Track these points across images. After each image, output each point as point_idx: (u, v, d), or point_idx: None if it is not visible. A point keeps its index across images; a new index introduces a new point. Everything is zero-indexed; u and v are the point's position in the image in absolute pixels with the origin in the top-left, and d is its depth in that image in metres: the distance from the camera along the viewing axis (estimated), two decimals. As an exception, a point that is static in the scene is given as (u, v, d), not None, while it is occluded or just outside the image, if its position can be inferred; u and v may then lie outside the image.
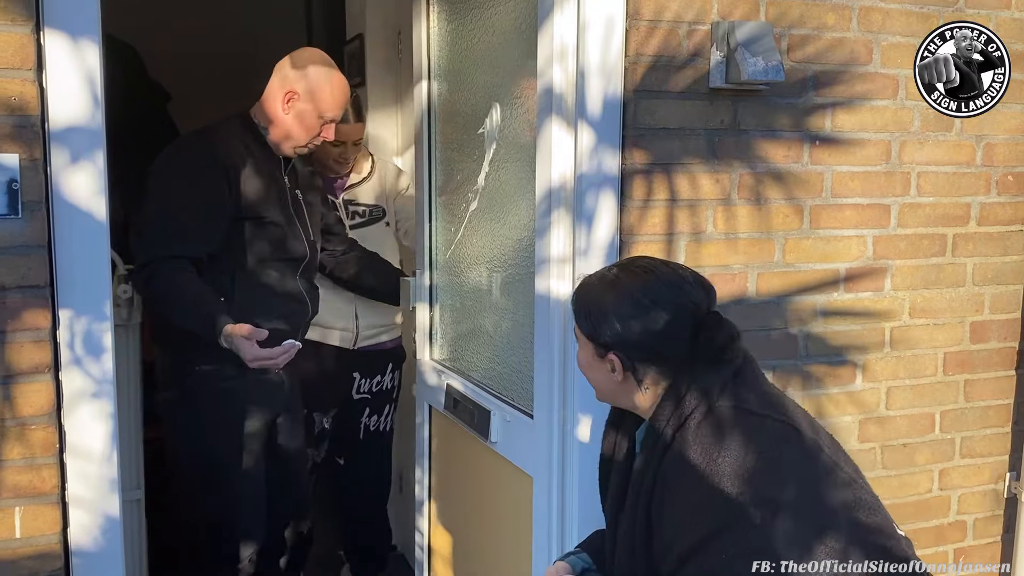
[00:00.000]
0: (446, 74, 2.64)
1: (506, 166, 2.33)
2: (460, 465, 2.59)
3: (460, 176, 2.58)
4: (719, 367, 1.52)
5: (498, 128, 2.33)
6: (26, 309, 1.72)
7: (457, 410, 2.50)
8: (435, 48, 2.65)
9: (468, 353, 2.59)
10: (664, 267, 1.59)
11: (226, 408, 2.54)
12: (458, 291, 2.65)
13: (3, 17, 1.66)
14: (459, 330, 2.66)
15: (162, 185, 2.45)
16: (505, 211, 2.34)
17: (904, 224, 2.28)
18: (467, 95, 2.53)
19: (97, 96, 1.75)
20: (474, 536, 2.53)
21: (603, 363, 1.57)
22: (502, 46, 2.32)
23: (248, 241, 2.50)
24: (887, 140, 2.23)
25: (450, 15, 2.58)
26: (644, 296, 1.53)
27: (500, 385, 2.38)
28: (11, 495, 1.74)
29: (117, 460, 1.84)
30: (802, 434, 1.48)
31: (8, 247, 1.70)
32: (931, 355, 2.36)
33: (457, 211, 2.59)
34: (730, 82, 2.01)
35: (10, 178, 1.68)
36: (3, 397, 1.72)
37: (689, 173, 2.05)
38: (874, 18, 2.17)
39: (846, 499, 1.45)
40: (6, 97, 1.67)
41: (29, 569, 1.76)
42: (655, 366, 1.54)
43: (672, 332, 1.52)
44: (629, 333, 1.52)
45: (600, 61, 1.97)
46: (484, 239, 2.45)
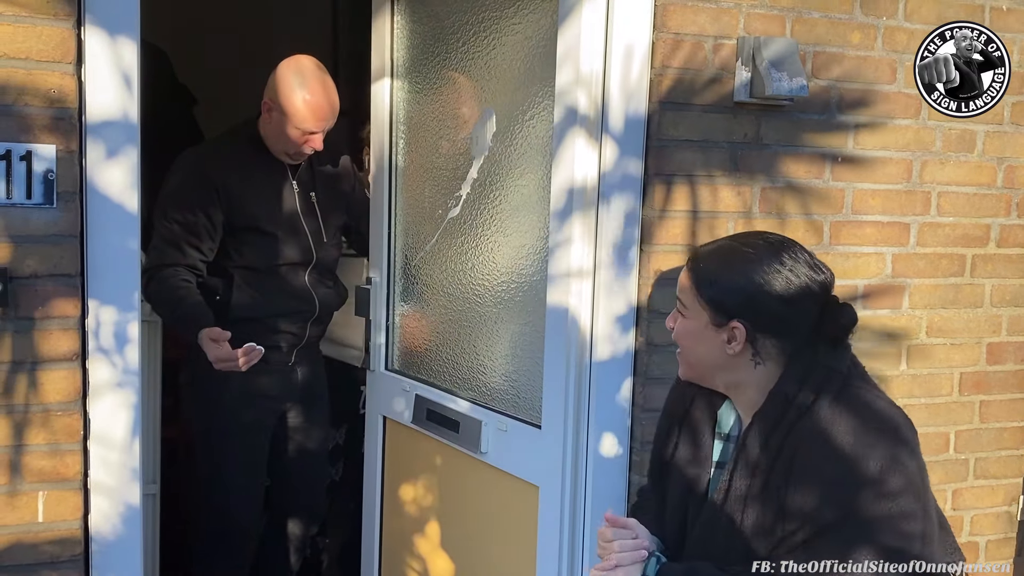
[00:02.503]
0: (415, 75, 2.59)
1: (504, 175, 2.30)
2: (433, 478, 2.53)
3: (435, 180, 2.53)
4: (839, 350, 1.53)
5: (492, 136, 2.30)
6: (56, 297, 1.75)
7: (431, 421, 2.45)
8: (401, 47, 2.61)
9: (443, 363, 2.52)
10: (794, 242, 1.58)
11: (223, 392, 2.62)
12: (431, 299, 2.58)
13: (46, 11, 1.70)
14: (433, 339, 2.58)
15: (161, 201, 2.62)
16: (502, 220, 2.31)
17: (923, 243, 2.29)
18: (447, 99, 2.48)
19: (133, 92, 1.79)
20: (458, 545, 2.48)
21: (719, 333, 1.52)
22: (505, 53, 2.29)
23: (245, 248, 2.64)
24: (908, 159, 2.25)
25: (421, 14, 2.54)
26: (781, 266, 1.50)
27: (490, 396, 2.34)
28: (35, 479, 1.77)
29: (139, 449, 1.87)
30: None
31: (42, 236, 1.73)
32: (947, 374, 2.36)
33: (431, 216, 2.53)
34: (755, 97, 2.04)
35: (47, 168, 1.72)
36: (31, 383, 1.75)
37: (711, 185, 2.07)
38: (899, 38, 2.19)
39: None
40: (46, 89, 1.71)
41: (50, 554, 1.79)
42: (777, 339, 1.51)
43: (804, 306, 1.51)
44: (761, 301, 1.50)
45: (624, 72, 2.00)
46: (470, 247, 2.40)
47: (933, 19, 2.21)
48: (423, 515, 2.57)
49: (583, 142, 2.00)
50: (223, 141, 2.78)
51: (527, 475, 2.19)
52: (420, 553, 2.57)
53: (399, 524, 2.67)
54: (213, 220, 2.58)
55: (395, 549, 2.69)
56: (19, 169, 1.70)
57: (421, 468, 2.57)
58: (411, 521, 2.61)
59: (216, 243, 2.62)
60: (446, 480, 2.49)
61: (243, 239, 2.64)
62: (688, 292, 1.56)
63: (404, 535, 2.64)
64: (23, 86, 1.70)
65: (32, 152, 1.71)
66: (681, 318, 1.59)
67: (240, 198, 2.61)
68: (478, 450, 2.29)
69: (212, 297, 2.60)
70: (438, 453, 2.48)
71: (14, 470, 1.76)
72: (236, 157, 2.65)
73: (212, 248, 2.61)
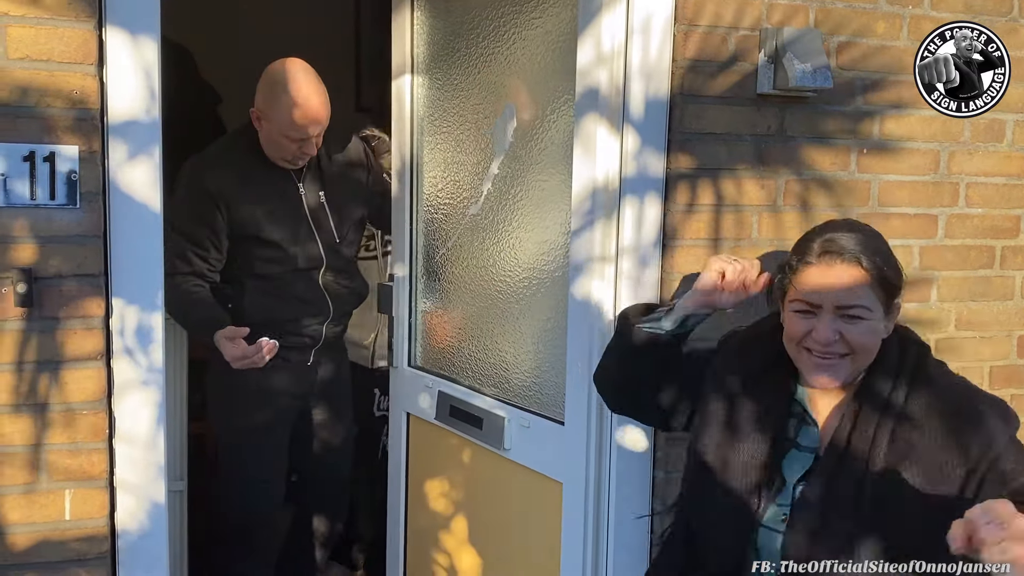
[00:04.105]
0: (436, 71, 2.57)
1: (524, 171, 2.29)
2: (457, 474, 2.53)
3: (457, 177, 2.53)
4: None
5: (512, 132, 2.30)
6: (81, 297, 1.77)
7: (455, 418, 2.46)
8: (421, 44, 2.60)
9: (466, 360, 2.53)
10: None
11: (242, 391, 2.63)
12: (454, 295, 2.58)
13: (67, 14, 1.71)
14: (456, 336, 2.59)
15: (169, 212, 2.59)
16: (523, 216, 2.31)
17: (952, 235, 2.26)
18: (467, 95, 2.47)
19: (154, 91, 1.80)
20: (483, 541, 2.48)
21: (888, 316, 1.57)
22: (526, 48, 2.29)
23: (252, 256, 2.62)
24: (936, 150, 2.21)
25: (441, 11, 2.53)
26: None
27: (513, 392, 2.35)
28: (62, 478, 1.79)
29: (164, 447, 1.88)
30: None
31: (66, 236, 1.75)
32: (977, 368, 2.32)
33: (452, 213, 2.54)
34: (778, 88, 2.01)
35: (70, 169, 1.74)
36: (57, 382, 1.77)
37: (735, 178, 2.05)
38: (924, 28, 2.15)
39: None
40: (68, 90, 1.72)
41: (77, 551, 1.81)
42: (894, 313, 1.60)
43: None
44: (900, 275, 1.59)
45: (646, 64, 1.98)
46: (492, 243, 2.40)
47: (960, 7, 2.17)
48: (448, 511, 2.57)
49: (605, 131, 1.99)
50: (223, 148, 2.72)
51: (551, 471, 2.18)
52: (446, 549, 2.58)
53: (424, 520, 2.67)
54: (216, 230, 2.57)
55: (420, 545, 2.70)
56: (43, 170, 1.72)
57: (445, 464, 2.57)
58: (436, 517, 2.61)
59: (223, 253, 2.61)
60: (470, 476, 2.49)
61: (248, 247, 2.62)
62: (862, 288, 1.52)
63: (429, 531, 2.65)
64: (45, 88, 1.71)
65: (55, 153, 1.72)
66: (861, 322, 1.53)
67: (240, 207, 2.58)
68: (501, 447, 2.29)
69: (224, 306, 2.60)
70: (462, 449, 2.48)
71: (41, 469, 1.78)
72: (236, 165, 2.61)
73: (219, 258, 2.61)
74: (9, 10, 1.68)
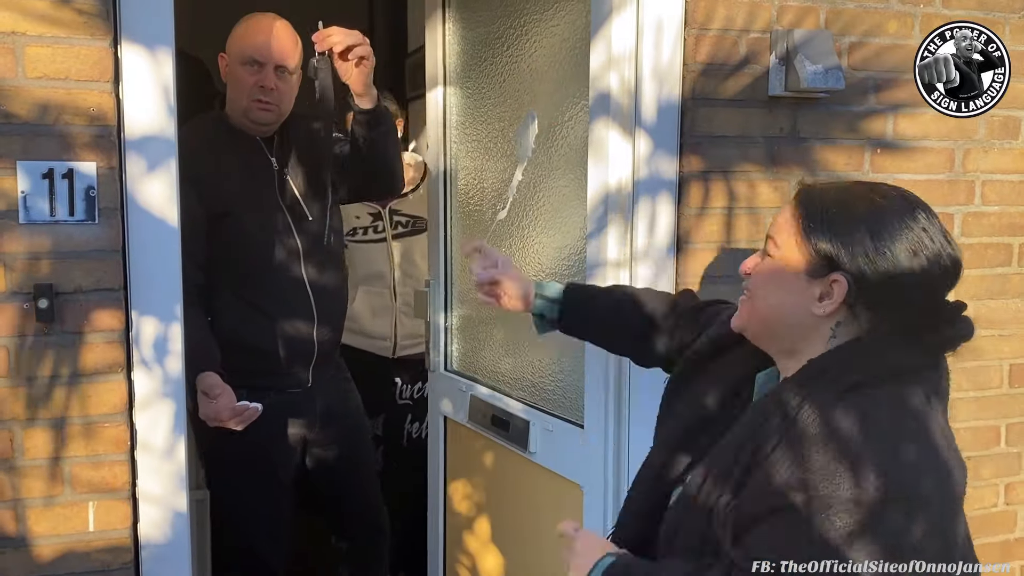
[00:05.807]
0: (467, 80, 2.60)
1: (545, 177, 2.31)
2: (488, 476, 2.56)
3: (485, 183, 2.55)
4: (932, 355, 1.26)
5: (534, 138, 2.31)
6: (101, 311, 1.79)
7: (486, 421, 2.48)
8: (452, 54, 2.64)
9: (495, 363, 2.55)
10: (930, 206, 1.27)
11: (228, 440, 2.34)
12: None
13: (84, 32, 1.73)
14: (484, 340, 2.61)
15: None
16: (545, 222, 2.33)
17: (968, 233, 2.25)
18: (494, 103, 2.50)
19: (171, 107, 1.82)
20: (511, 544, 2.51)
21: (811, 285, 1.24)
22: (545, 55, 2.31)
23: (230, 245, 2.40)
24: (950, 148, 2.20)
25: (470, 21, 2.56)
26: (915, 223, 1.21)
27: (538, 395, 2.37)
28: (85, 490, 1.81)
29: (184, 458, 1.90)
30: None
31: (85, 251, 1.77)
32: (996, 367, 2.31)
33: (481, 219, 2.56)
34: (789, 90, 2.01)
35: (88, 185, 1.76)
36: (79, 395, 1.79)
37: (748, 180, 2.05)
38: (936, 26, 2.14)
39: None
40: (85, 108, 1.75)
41: (101, 562, 1.83)
42: (876, 313, 1.24)
43: (927, 280, 1.22)
44: (881, 259, 1.20)
45: (658, 68, 1.98)
46: (517, 249, 2.42)
47: (973, 4, 2.16)
48: (482, 513, 2.61)
49: (617, 135, 2.00)
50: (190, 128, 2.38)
51: (572, 475, 2.20)
52: (480, 550, 2.61)
53: (460, 521, 2.72)
54: (193, 214, 2.22)
55: (457, 545, 2.74)
56: (61, 187, 1.74)
57: (479, 467, 2.61)
58: (471, 519, 2.66)
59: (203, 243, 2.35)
60: (501, 479, 2.52)
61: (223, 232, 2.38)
62: (788, 228, 1.27)
63: (465, 531, 2.69)
64: (63, 105, 1.73)
65: (73, 170, 1.75)
66: (768, 258, 1.30)
67: (212, 180, 2.36)
68: (527, 450, 2.31)
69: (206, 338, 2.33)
70: (494, 453, 2.52)
71: (64, 481, 1.80)
72: (205, 139, 2.43)
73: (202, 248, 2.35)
74: (27, 29, 1.70)
